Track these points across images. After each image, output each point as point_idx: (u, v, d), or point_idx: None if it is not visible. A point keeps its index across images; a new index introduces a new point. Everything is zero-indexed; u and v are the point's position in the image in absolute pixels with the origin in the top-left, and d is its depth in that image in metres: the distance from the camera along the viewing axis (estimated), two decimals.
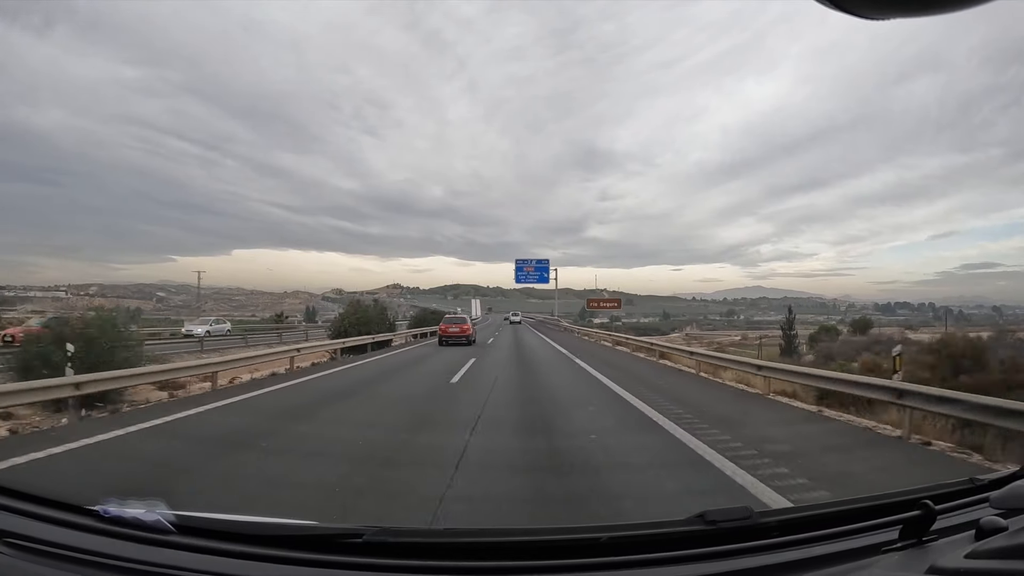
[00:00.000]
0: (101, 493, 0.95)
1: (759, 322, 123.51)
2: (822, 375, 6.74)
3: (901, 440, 4.73)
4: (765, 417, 5.74)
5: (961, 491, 1.10)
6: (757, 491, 3.08)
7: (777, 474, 3.39)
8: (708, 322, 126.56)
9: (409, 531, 0.94)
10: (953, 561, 0.74)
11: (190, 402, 6.24)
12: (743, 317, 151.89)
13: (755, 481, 3.24)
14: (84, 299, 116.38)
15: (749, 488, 3.13)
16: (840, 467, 3.79)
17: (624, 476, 3.45)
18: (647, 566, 0.86)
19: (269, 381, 8.33)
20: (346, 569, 0.83)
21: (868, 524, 0.97)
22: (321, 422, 5.25)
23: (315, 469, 3.53)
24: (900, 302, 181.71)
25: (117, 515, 0.88)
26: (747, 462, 3.65)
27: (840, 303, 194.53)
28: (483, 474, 3.46)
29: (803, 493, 3.03)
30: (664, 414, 5.50)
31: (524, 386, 7.96)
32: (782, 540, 0.93)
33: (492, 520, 2.71)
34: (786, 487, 3.12)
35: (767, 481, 3.23)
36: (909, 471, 3.92)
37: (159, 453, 4.06)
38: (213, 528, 0.89)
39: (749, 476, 3.33)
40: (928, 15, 0.54)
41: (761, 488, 3.12)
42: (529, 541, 0.95)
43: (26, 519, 0.89)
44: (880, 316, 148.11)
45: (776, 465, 3.60)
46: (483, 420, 5.19)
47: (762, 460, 3.72)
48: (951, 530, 0.91)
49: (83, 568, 0.79)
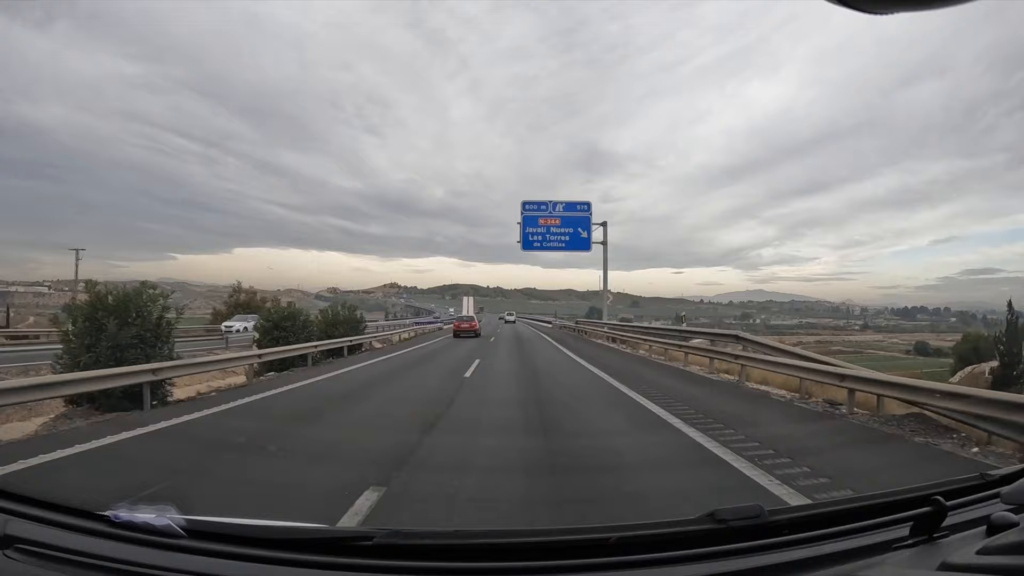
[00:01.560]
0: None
1: (808, 325, 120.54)
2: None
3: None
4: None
5: (972, 487, 1.12)
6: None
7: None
8: (751, 326, 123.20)
9: (420, 533, 0.97)
10: (965, 557, 0.76)
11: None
12: (759, 321, 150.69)
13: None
14: (68, 295, 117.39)
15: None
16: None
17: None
18: (657, 565, 0.88)
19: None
20: (357, 571, 0.86)
21: (879, 521, 0.99)
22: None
23: None
24: (917, 307, 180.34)
25: (128, 520, 0.91)
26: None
27: (852, 307, 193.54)
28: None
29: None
30: None
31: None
32: (793, 538, 0.94)
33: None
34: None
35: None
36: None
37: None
38: (224, 532, 0.92)
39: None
40: (931, 8, 0.56)
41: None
42: (539, 542, 0.98)
43: (37, 524, 0.92)
44: (901, 321, 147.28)
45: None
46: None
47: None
48: (962, 526, 0.93)
49: (94, 573, 0.83)
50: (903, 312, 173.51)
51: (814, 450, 4.20)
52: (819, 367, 6.84)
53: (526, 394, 7.20)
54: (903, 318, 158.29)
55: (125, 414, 5.67)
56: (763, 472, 3.47)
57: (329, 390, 7.52)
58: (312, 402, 6.54)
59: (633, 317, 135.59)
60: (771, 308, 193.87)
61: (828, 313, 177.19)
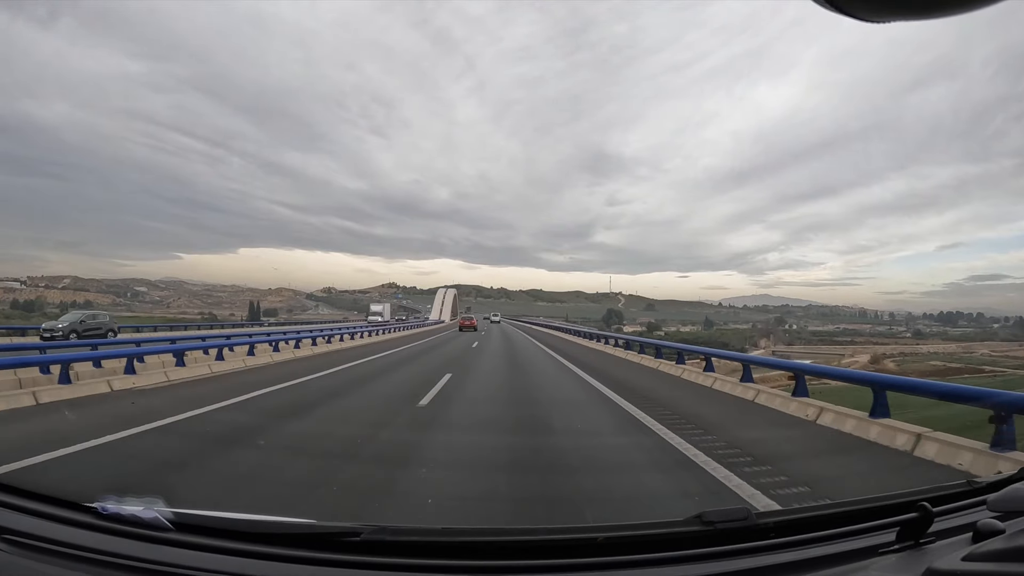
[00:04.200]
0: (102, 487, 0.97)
1: (849, 332, 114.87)
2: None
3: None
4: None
5: (958, 493, 1.17)
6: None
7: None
8: (792, 332, 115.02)
9: (407, 530, 1.01)
10: (950, 563, 0.79)
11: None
12: (795, 326, 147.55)
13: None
14: (41, 290, 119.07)
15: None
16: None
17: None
18: (644, 566, 0.93)
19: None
20: (344, 568, 0.90)
21: (865, 526, 1.04)
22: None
23: None
24: (956, 311, 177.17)
25: (115, 512, 0.96)
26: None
27: (881, 312, 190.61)
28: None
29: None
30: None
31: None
32: (780, 541, 0.99)
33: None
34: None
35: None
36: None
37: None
38: (211, 526, 0.97)
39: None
40: (927, 19, 0.59)
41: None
42: (527, 540, 1.02)
43: (25, 516, 0.97)
44: (944, 327, 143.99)
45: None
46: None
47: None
48: (948, 532, 0.97)
49: (81, 565, 0.87)
50: (944, 318, 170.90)
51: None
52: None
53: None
54: (945, 324, 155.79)
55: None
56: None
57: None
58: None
59: (652, 321, 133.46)
60: (795, 312, 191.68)
61: (853, 319, 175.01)
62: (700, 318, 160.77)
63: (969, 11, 0.58)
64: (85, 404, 6.82)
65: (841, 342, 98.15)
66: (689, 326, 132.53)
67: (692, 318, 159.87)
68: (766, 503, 3.17)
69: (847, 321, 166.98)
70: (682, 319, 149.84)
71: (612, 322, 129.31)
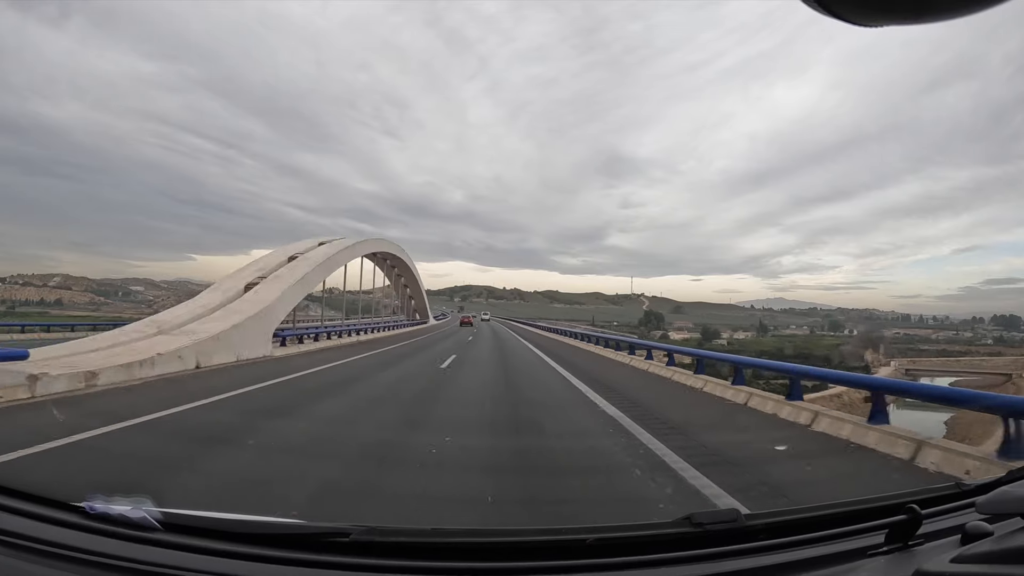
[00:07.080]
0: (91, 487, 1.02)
1: (912, 339, 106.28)
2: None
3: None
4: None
5: (947, 495, 1.22)
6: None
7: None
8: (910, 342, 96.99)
9: (396, 530, 1.04)
10: (939, 565, 0.83)
11: None
12: (854, 331, 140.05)
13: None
14: (15, 288, 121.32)
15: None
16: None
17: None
18: (633, 568, 0.97)
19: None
20: (333, 569, 0.93)
21: (854, 528, 1.09)
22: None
23: None
24: (1008, 315, 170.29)
25: (103, 512, 1.00)
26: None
27: (925, 316, 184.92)
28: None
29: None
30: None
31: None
32: (769, 543, 1.04)
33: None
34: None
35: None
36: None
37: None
38: (199, 526, 1.00)
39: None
40: (919, 23, 0.62)
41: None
42: (516, 542, 1.07)
43: (10, 515, 1.01)
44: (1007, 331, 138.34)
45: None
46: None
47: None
48: (937, 534, 1.02)
49: (68, 565, 0.90)
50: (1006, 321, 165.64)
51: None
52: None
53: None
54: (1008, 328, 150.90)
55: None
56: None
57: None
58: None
59: (706, 326, 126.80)
60: (836, 316, 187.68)
61: (898, 323, 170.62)
62: (732, 321, 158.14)
63: (966, 15, 0.59)
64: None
65: (953, 352, 75.08)
66: (741, 333, 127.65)
67: (726, 321, 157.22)
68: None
69: (893, 325, 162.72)
70: (720, 323, 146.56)
71: (651, 326, 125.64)
